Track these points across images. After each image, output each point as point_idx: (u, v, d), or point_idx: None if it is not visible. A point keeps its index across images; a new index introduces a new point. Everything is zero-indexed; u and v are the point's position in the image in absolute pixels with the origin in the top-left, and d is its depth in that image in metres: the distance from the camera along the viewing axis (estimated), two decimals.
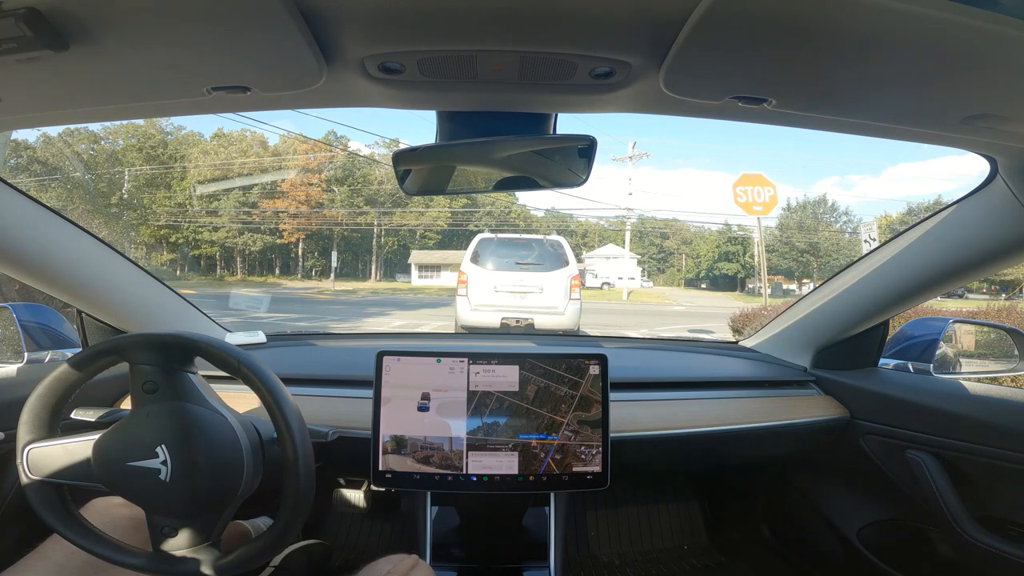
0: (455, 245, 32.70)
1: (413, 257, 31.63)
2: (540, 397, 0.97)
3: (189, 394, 0.67)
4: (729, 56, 0.53)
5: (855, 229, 28.29)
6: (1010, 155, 0.75)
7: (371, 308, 14.13)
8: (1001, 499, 0.96)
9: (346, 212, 31.84)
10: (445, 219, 34.23)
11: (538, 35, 0.52)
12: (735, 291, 31.13)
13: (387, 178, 31.54)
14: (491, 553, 1.06)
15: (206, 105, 0.65)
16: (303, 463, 0.65)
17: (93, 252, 1.01)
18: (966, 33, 0.46)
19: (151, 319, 1.14)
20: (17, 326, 1.05)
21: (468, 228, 33.25)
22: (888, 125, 0.67)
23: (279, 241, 30.83)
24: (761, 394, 1.22)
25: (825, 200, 29.58)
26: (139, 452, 0.64)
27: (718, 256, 33.25)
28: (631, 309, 17.85)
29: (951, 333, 1.22)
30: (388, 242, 33.96)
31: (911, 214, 27.85)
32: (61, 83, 0.59)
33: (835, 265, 27.68)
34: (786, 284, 31.11)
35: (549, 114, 0.71)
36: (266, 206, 30.19)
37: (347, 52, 0.54)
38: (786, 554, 1.45)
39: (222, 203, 29.67)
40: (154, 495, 0.64)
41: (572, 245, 35.92)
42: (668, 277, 37.40)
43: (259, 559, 0.66)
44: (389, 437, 0.96)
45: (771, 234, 31.14)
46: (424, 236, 34.08)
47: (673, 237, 37.77)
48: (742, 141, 51.07)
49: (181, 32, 0.50)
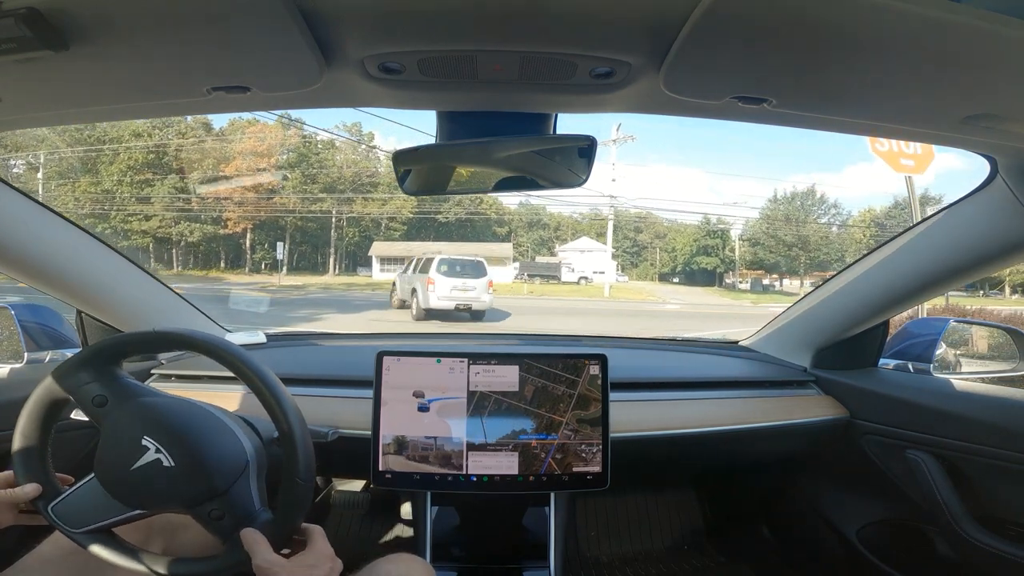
0: (424, 236, 30.69)
1: (374, 249, 28.32)
2: (538, 397, 0.97)
3: (133, 390, 0.68)
4: (729, 56, 0.53)
5: (844, 222, 27.80)
6: (1010, 155, 0.75)
7: (304, 310, 11.93)
8: (1001, 499, 0.96)
9: (300, 200, 28.63)
10: (411, 208, 31.12)
11: (538, 35, 0.52)
12: (713, 286, 30.17)
13: (348, 163, 29.89)
14: (491, 553, 1.06)
15: (206, 105, 0.65)
16: (303, 463, 0.65)
17: (93, 252, 1.01)
18: (966, 33, 0.45)
19: (151, 318, 1.14)
20: (17, 326, 1.04)
21: (437, 218, 31.54)
22: (888, 125, 0.67)
23: (223, 231, 27.25)
24: (761, 394, 1.22)
25: (813, 191, 28.60)
26: (131, 454, 0.64)
27: (696, 250, 32.07)
28: (616, 309, 15.95)
29: (951, 333, 1.22)
30: (349, 233, 30.74)
31: (897, 207, 27.15)
32: (61, 83, 0.59)
33: (824, 260, 27.05)
34: (766, 279, 30.52)
35: (549, 114, 0.71)
36: (208, 193, 26.80)
37: (347, 52, 0.54)
38: (786, 554, 1.45)
39: (156, 189, 25.73)
40: (176, 483, 0.64)
41: (546, 238, 32.77)
42: (641, 271, 36.28)
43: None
44: (389, 437, 0.96)
45: (756, 227, 30.46)
46: (390, 227, 31.10)
47: (647, 231, 36.77)
48: (713, 138, 50.68)
49: (181, 32, 0.50)
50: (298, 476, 0.65)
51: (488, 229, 33.86)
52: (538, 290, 22.74)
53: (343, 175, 29.70)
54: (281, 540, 0.65)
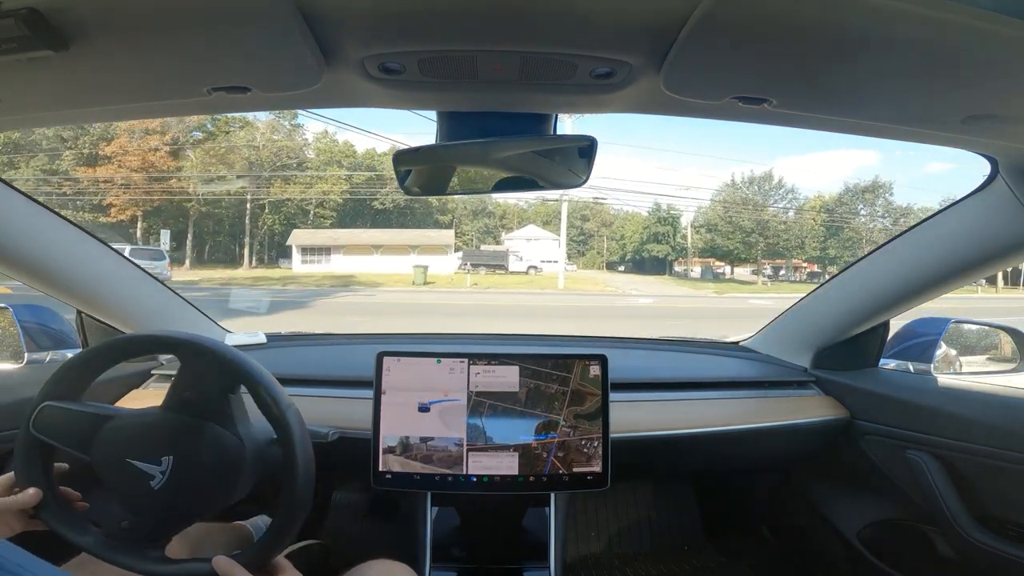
0: (360, 224, 27.00)
1: (294, 237, 24.58)
2: (534, 396, 0.97)
3: (221, 415, 0.66)
4: (730, 56, 0.53)
5: (802, 207, 26.38)
6: (1010, 155, 0.75)
7: None
8: (1001, 500, 0.96)
9: (202, 183, 24.17)
10: (341, 192, 27.20)
11: (538, 35, 0.52)
12: (663, 274, 29.04)
13: (265, 144, 25.23)
14: (491, 553, 1.06)
15: (206, 105, 0.65)
16: (303, 464, 0.64)
17: (92, 252, 1.01)
18: (966, 33, 0.45)
19: (151, 320, 1.14)
20: (17, 326, 1.04)
21: (373, 204, 27.75)
22: (889, 126, 0.67)
23: (104, 219, 22.29)
24: (761, 394, 1.22)
25: (771, 176, 26.88)
26: (144, 453, 0.64)
27: (647, 237, 30.80)
28: (578, 307, 12.34)
29: (952, 333, 1.22)
30: (268, 220, 26.43)
31: (848, 192, 26.12)
32: (61, 83, 0.59)
33: (784, 246, 25.81)
34: (718, 267, 29.14)
35: (549, 114, 0.71)
36: (82, 173, 22.06)
37: (347, 52, 0.54)
38: (786, 554, 1.45)
39: (21, 171, 21.09)
40: (136, 496, 0.64)
41: (491, 227, 31.74)
42: (588, 260, 35.22)
43: (259, 561, 0.66)
44: (389, 438, 0.95)
45: (710, 213, 28.37)
46: (318, 215, 27.01)
47: (593, 219, 35.71)
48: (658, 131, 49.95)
49: (181, 32, 0.50)
50: (297, 478, 0.64)
51: (429, 217, 30.88)
52: (484, 281, 19.62)
53: (260, 156, 25.47)
54: (281, 543, 0.65)
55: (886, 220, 25.37)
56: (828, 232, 25.71)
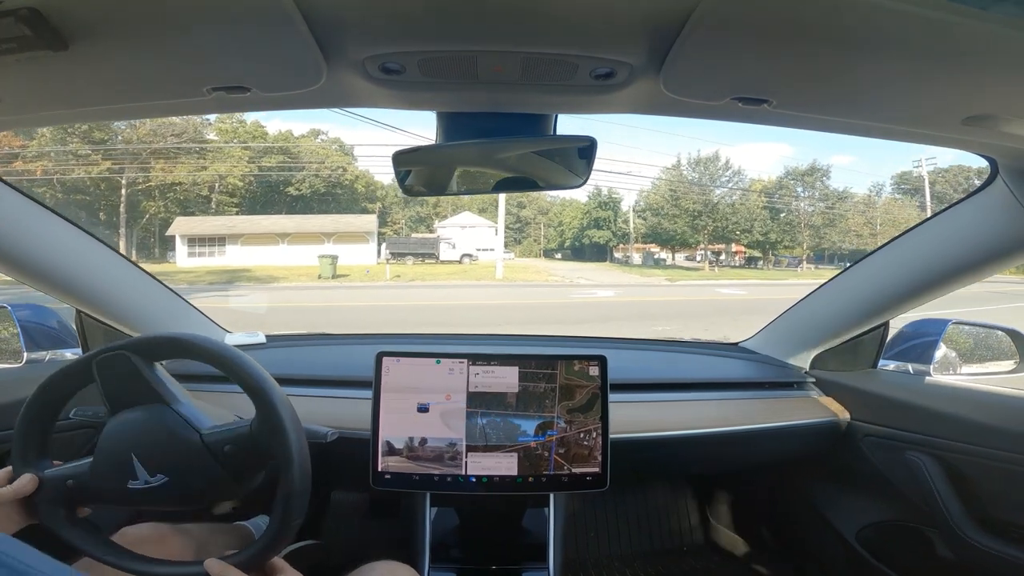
0: (269, 211, 23.61)
1: (176, 226, 20.19)
2: (525, 398, 0.97)
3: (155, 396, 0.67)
4: (729, 57, 0.53)
5: (749, 187, 25.62)
6: (1010, 155, 0.75)
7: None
8: (1001, 501, 0.96)
9: (57, 164, 19.76)
10: (241, 176, 23.22)
11: (539, 36, 0.52)
12: (605, 261, 27.81)
13: (142, 121, 20.18)
14: (490, 554, 1.06)
15: (206, 105, 0.65)
16: (298, 462, 0.64)
17: (92, 252, 1.01)
18: (966, 33, 0.45)
19: (151, 319, 1.14)
20: (17, 326, 1.04)
21: (287, 190, 24.73)
22: (889, 126, 0.67)
23: None
24: (761, 396, 1.22)
25: (718, 157, 25.72)
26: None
27: (587, 223, 29.47)
28: (532, 305, 10.01)
29: (951, 334, 1.21)
30: (150, 208, 21.89)
31: (788, 176, 25.79)
32: (61, 83, 0.59)
33: (733, 229, 24.88)
34: (659, 253, 28.42)
35: (549, 115, 0.71)
36: None
37: (347, 53, 0.54)
38: (785, 555, 1.45)
39: None
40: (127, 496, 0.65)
41: (424, 215, 30.03)
42: (525, 248, 34.20)
43: (256, 562, 0.65)
44: (389, 438, 0.95)
45: (655, 196, 27.11)
46: (222, 203, 23.08)
47: (529, 207, 34.74)
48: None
49: (181, 32, 0.50)
50: (293, 477, 0.64)
51: (356, 204, 27.21)
52: (409, 272, 16.99)
53: (137, 134, 20.90)
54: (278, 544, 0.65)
55: (822, 204, 25.20)
56: (770, 215, 25.18)
